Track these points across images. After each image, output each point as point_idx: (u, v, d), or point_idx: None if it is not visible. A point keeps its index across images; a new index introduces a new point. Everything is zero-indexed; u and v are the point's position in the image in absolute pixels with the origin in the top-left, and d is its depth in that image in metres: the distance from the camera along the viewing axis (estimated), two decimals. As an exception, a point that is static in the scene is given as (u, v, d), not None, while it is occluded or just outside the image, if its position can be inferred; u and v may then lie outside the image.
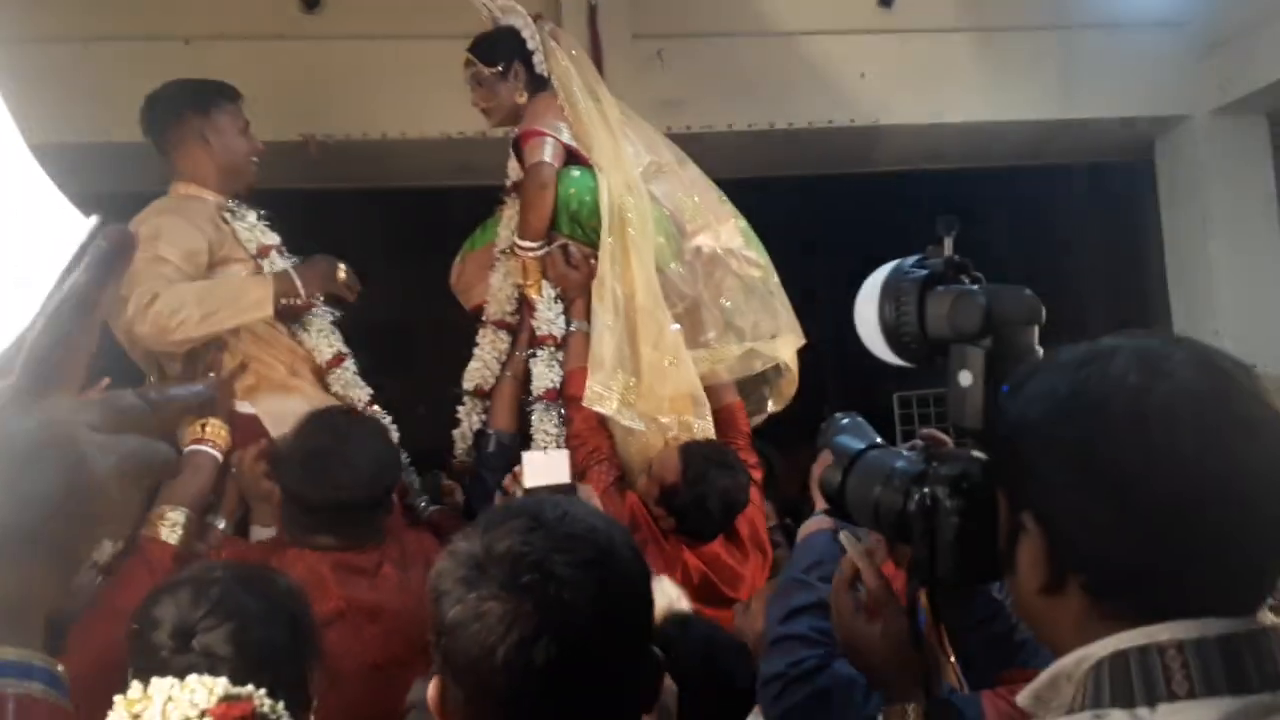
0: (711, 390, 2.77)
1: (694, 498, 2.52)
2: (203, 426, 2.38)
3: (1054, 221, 5.46)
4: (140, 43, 3.71)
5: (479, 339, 2.89)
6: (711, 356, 2.78)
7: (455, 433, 2.92)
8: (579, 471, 2.59)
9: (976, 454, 1.03)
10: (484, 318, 2.91)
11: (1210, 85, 4.36)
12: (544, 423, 2.70)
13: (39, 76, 3.64)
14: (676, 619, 1.90)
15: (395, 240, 3.15)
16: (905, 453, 1.13)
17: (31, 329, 0.56)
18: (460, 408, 2.91)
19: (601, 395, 2.59)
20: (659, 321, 2.66)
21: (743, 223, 2.91)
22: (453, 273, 3.15)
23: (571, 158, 2.75)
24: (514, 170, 2.92)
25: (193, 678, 1.27)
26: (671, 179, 2.88)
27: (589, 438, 2.64)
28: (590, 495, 2.38)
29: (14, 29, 3.68)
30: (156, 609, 1.47)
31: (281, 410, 2.52)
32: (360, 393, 2.72)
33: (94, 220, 0.61)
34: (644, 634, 1.05)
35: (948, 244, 1.08)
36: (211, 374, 2.50)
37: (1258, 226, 4.41)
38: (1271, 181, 4.44)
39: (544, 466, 2.25)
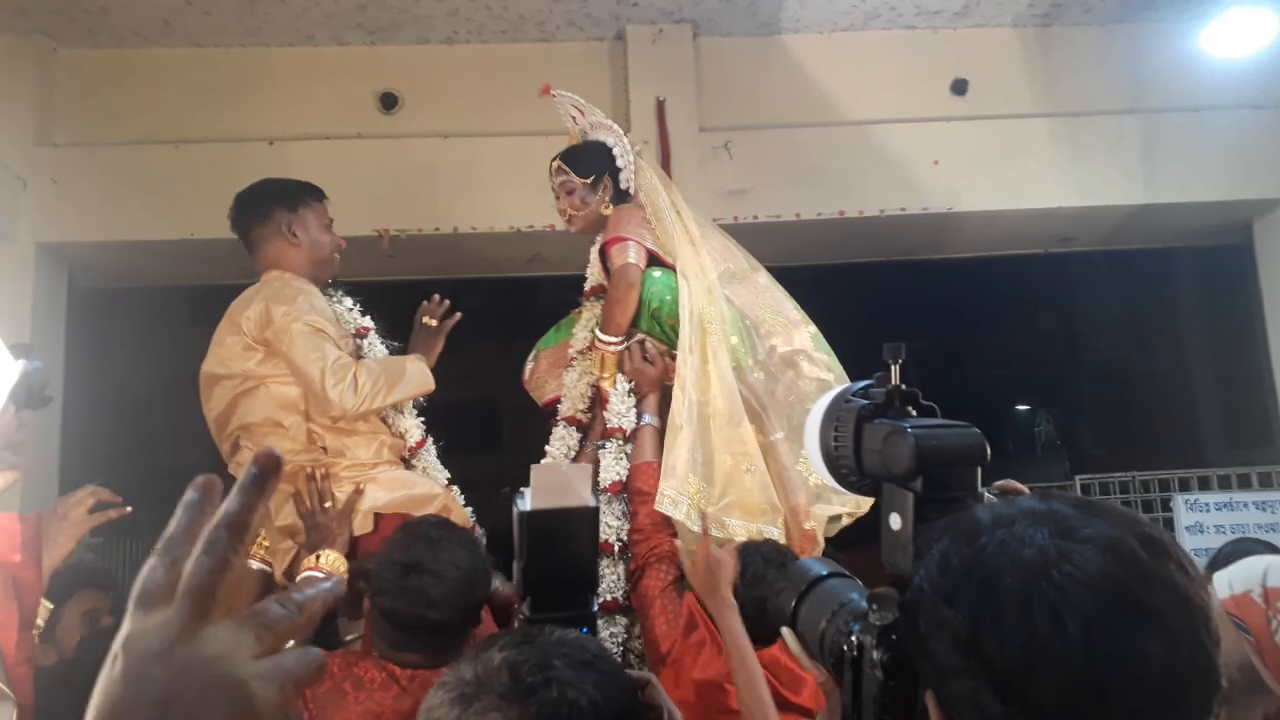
0: (778, 492, 2.74)
1: (751, 600, 2.39)
2: (317, 558, 2.42)
3: (1149, 305, 5.27)
4: (227, 144, 3.90)
5: (552, 436, 2.95)
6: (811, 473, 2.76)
7: None
8: (638, 568, 2.57)
9: None
10: (557, 415, 2.97)
11: (1308, 166, 4.19)
12: (606, 515, 2.70)
13: (132, 177, 3.85)
14: None
15: (470, 325, 3.25)
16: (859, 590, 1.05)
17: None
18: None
19: (675, 500, 2.60)
20: (737, 427, 2.71)
21: (813, 329, 2.93)
22: (526, 370, 3.23)
23: (653, 260, 2.87)
24: (594, 275, 3.03)
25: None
26: (746, 284, 2.96)
27: (651, 534, 2.60)
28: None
29: (110, 130, 3.92)
30: None
31: (389, 492, 2.63)
32: (440, 475, 2.80)
33: (22, 364, 0.62)
34: None
35: (895, 372, 0.98)
36: (328, 504, 2.53)
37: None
38: (1377, 264, 4.20)
39: (557, 483, 1.52)
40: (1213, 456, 4.97)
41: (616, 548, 2.66)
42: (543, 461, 2.89)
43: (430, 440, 2.85)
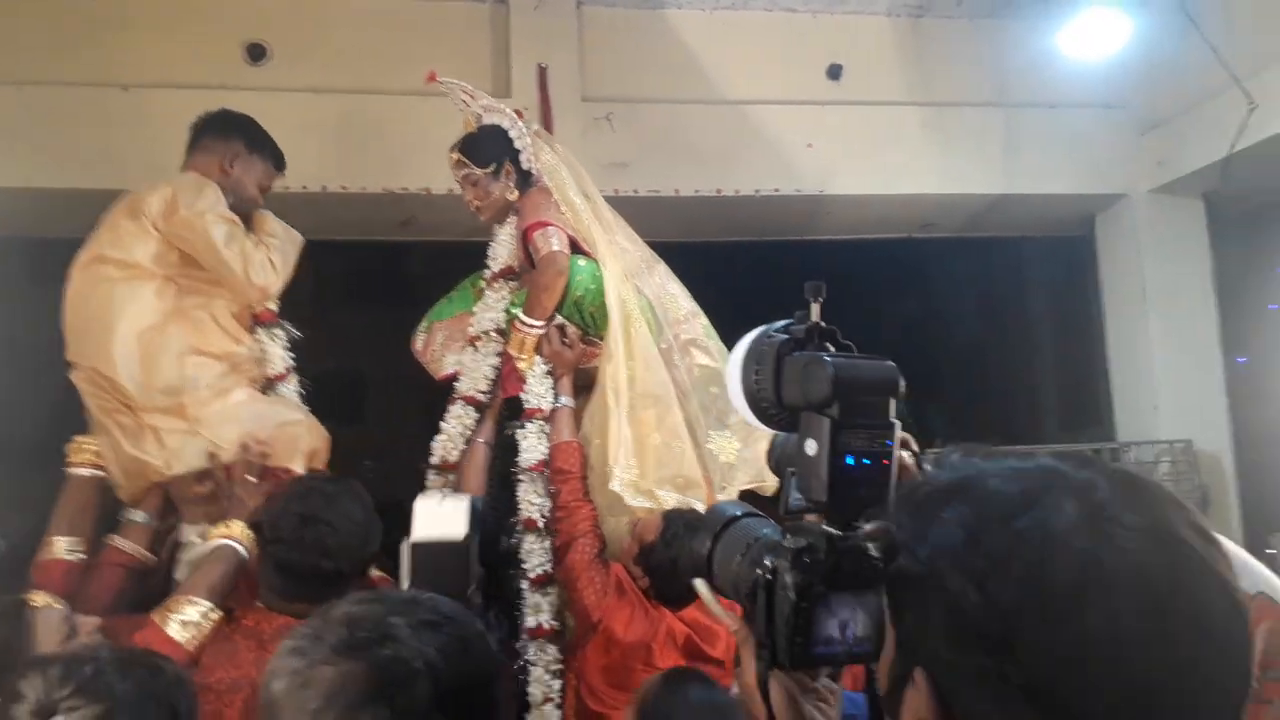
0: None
1: (667, 560, 2.56)
2: (228, 525, 2.38)
3: (1000, 291, 5.53)
4: (75, 88, 3.64)
5: (448, 414, 2.93)
6: (725, 451, 2.89)
7: None
8: (563, 544, 2.67)
9: (825, 527, 0.97)
10: (455, 393, 2.95)
11: (1148, 165, 4.47)
12: (530, 493, 2.77)
13: (-32, 119, 3.56)
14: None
15: (336, 291, 3.13)
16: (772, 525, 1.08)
17: None
18: (427, 482, 2.91)
19: (621, 480, 2.70)
20: (664, 406, 2.82)
21: (704, 320, 3.03)
22: (418, 340, 3.17)
23: (573, 248, 2.89)
24: (503, 257, 3.00)
25: None
26: (652, 274, 3.04)
27: (574, 510, 2.72)
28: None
29: (-56, 70, 3.61)
30: (24, 682, 1.39)
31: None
32: (300, 412, 2.73)
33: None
34: (488, 709, 0.97)
35: (815, 309, 1.01)
36: (251, 478, 2.49)
37: (1194, 303, 4.49)
38: (1208, 259, 4.53)
39: (437, 516, 1.75)
40: (1050, 435, 5.29)
41: (541, 524, 2.73)
42: (436, 440, 2.89)
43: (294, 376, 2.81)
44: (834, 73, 4.30)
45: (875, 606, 0.96)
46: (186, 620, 2.14)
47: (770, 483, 2.84)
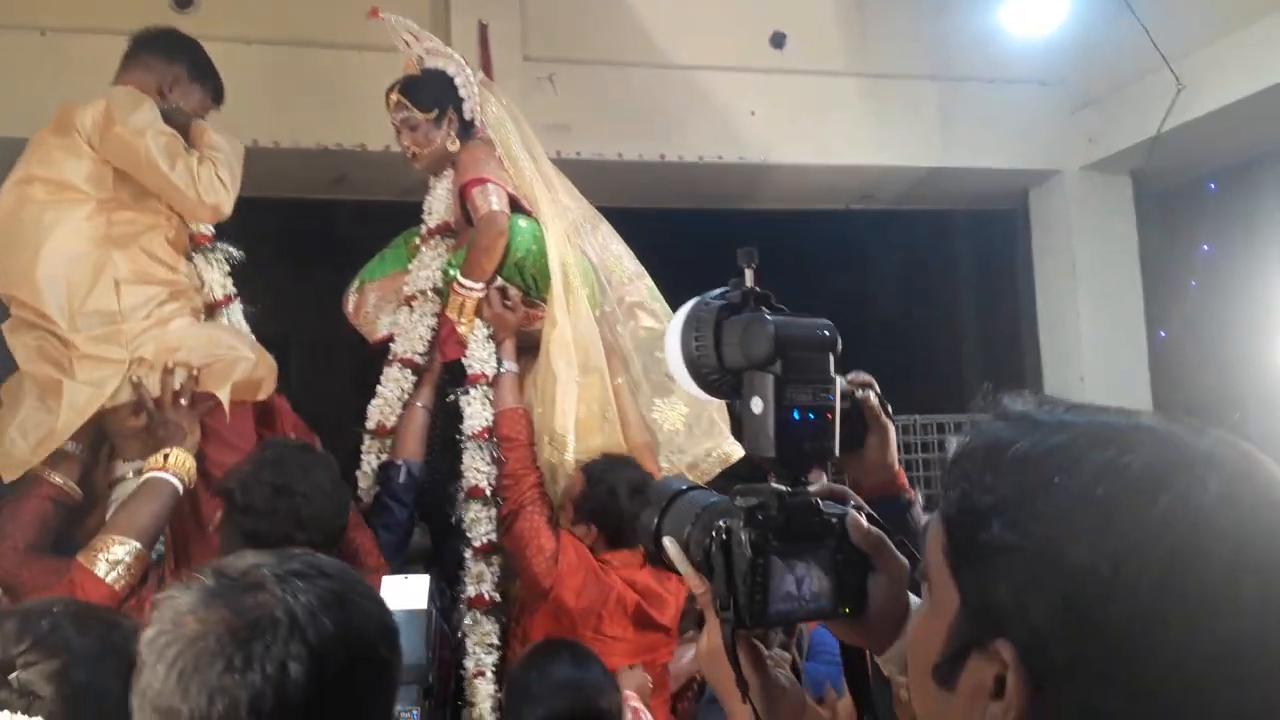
0: (625, 430, 2.83)
1: (604, 493, 2.57)
2: (165, 457, 2.26)
3: (935, 262, 5.61)
4: (-11, 30, 3.47)
5: (383, 376, 2.85)
6: (669, 419, 2.89)
7: (357, 472, 2.84)
8: (510, 512, 2.60)
9: (775, 485, 0.99)
10: (391, 356, 2.87)
11: (1080, 142, 4.56)
12: (475, 461, 2.70)
13: None
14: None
15: (265, 251, 3.03)
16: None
17: None
18: (362, 446, 2.84)
19: (571, 445, 2.69)
20: (599, 374, 2.77)
21: (649, 281, 2.98)
22: (349, 302, 3.07)
23: (514, 205, 2.80)
24: (439, 214, 2.91)
25: (4, 716, 1.16)
26: (595, 234, 2.98)
27: (521, 478, 2.67)
28: None
29: None
30: None
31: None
32: (242, 342, 2.60)
33: None
34: (368, 669, 0.93)
35: (749, 275, 1.03)
36: (184, 402, 2.37)
37: (1121, 278, 4.61)
38: (1134, 237, 4.65)
39: (402, 591, 2.02)
40: (980, 406, 5.41)
41: (488, 491, 2.68)
42: (372, 404, 2.82)
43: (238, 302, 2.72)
44: (777, 41, 4.29)
45: (829, 562, 0.98)
46: (114, 560, 2.06)
47: (727, 446, 2.86)
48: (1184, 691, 0.60)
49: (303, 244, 4.95)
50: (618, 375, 2.85)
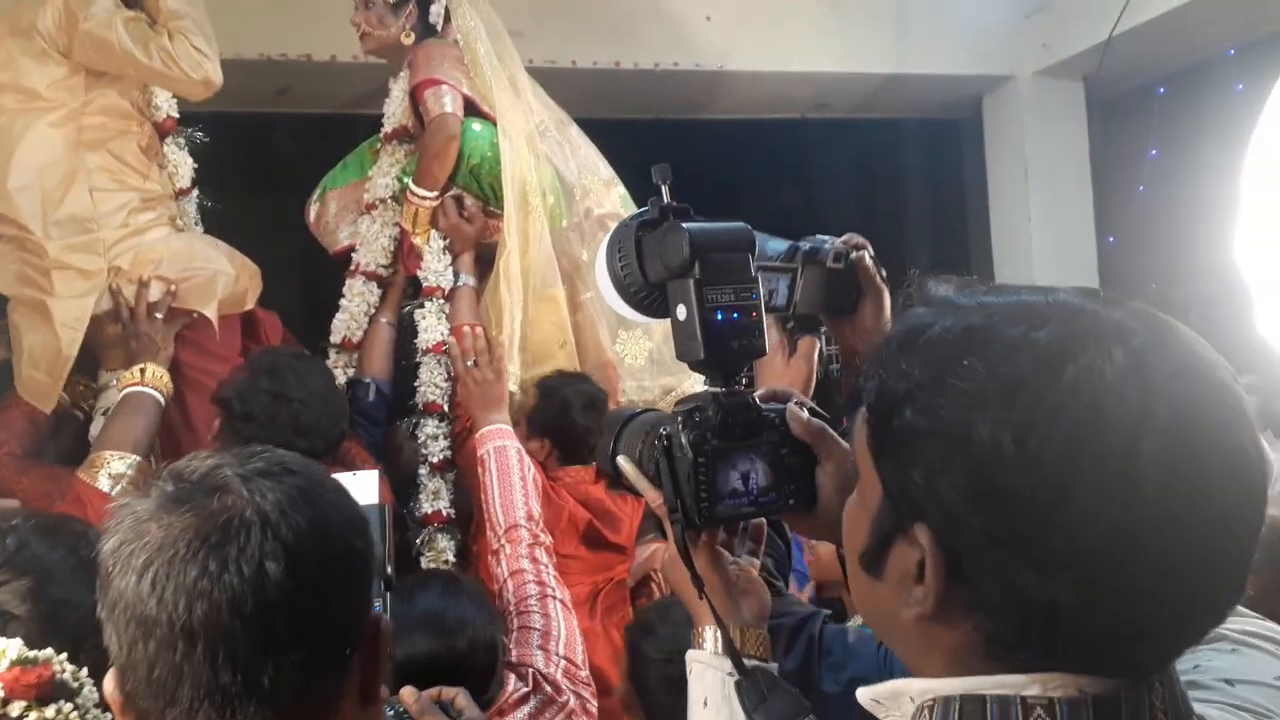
0: (587, 348, 2.78)
1: (556, 405, 2.53)
2: (141, 371, 2.25)
3: (888, 172, 5.61)
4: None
5: (346, 289, 2.75)
6: (631, 352, 2.82)
7: None
8: (464, 429, 2.53)
9: (709, 387, 1.01)
10: (352, 267, 2.77)
11: (1034, 47, 4.56)
12: (434, 375, 2.63)
13: None
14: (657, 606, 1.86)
15: (205, 167, 2.94)
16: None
17: None
18: (328, 362, 2.74)
19: (515, 375, 2.59)
20: (555, 299, 2.68)
21: (622, 190, 2.87)
22: (310, 212, 2.95)
23: (470, 108, 2.67)
24: (396, 116, 2.77)
25: None
26: (562, 139, 2.86)
27: None
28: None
29: None
30: None
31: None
32: (220, 255, 2.56)
33: None
34: (343, 561, 0.91)
35: (664, 191, 1.03)
36: (159, 315, 2.35)
37: (1072, 184, 4.66)
38: (1085, 142, 4.69)
39: (352, 486, 1.95)
40: (903, 291, 5.49)
41: (445, 407, 2.61)
42: (337, 318, 2.74)
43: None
44: (732, -58, 4.19)
45: (773, 457, 1.00)
46: (116, 474, 2.08)
47: (688, 385, 2.83)
48: (1093, 559, 0.61)
49: (245, 159, 4.81)
50: (584, 291, 2.77)
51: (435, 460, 2.62)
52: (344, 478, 1.91)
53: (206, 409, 2.26)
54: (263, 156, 4.66)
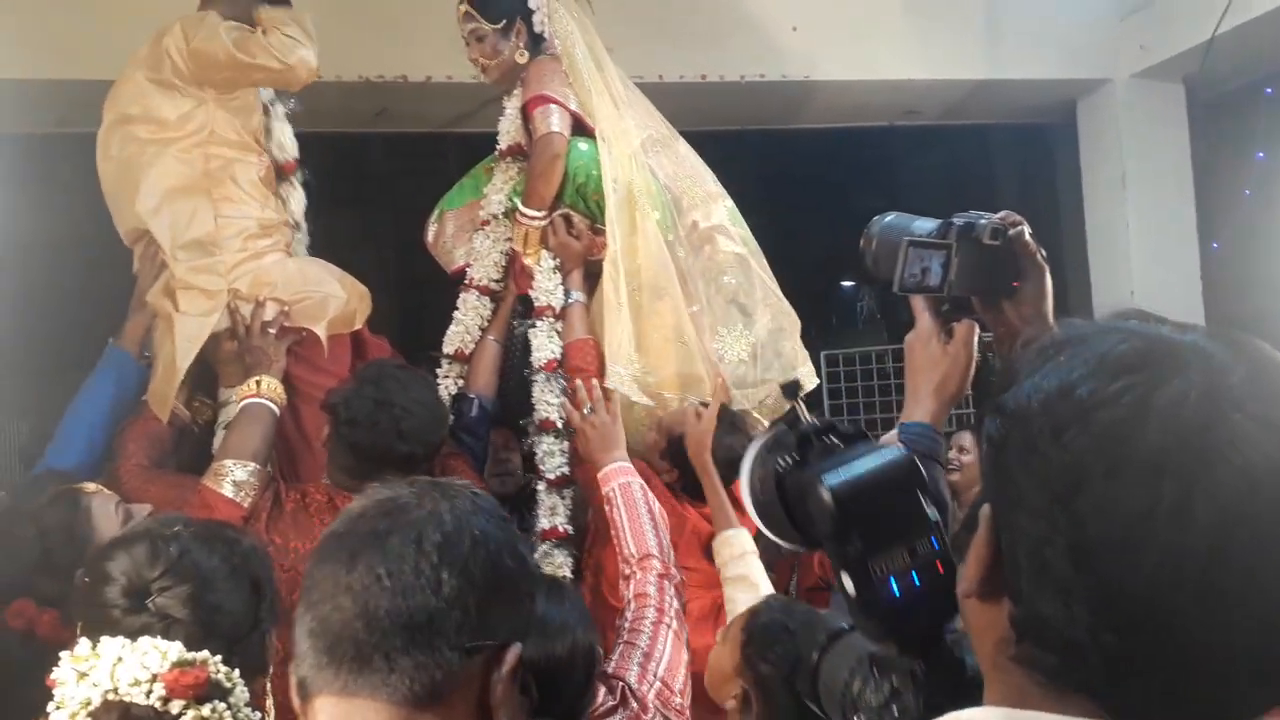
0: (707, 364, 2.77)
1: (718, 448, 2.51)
2: (257, 384, 2.40)
3: (978, 179, 5.52)
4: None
5: (460, 303, 2.84)
6: (733, 349, 2.78)
7: None
8: None
9: (908, 661, 0.87)
10: (466, 281, 2.85)
11: (1131, 49, 4.43)
12: (546, 394, 2.68)
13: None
14: (781, 605, 1.79)
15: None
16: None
17: None
18: (438, 371, 2.84)
19: (622, 377, 2.60)
20: (671, 299, 2.69)
21: (729, 202, 2.88)
22: (429, 232, 3.03)
23: (578, 126, 2.72)
24: (510, 134, 2.84)
25: (145, 640, 1.19)
26: (668, 152, 2.88)
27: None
28: None
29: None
30: (110, 564, 1.37)
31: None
32: (331, 277, 2.69)
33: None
34: None
35: (802, 412, 0.93)
36: (271, 332, 2.50)
37: (1172, 189, 4.51)
38: (1186, 146, 4.54)
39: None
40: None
41: (560, 424, 2.64)
42: (451, 330, 2.80)
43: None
44: (817, -47, 4.19)
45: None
46: (239, 481, 2.22)
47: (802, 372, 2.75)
48: (1093, 560, 0.61)
49: (347, 179, 4.97)
50: (690, 305, 2.76)
51: (552, 477, 2.65)
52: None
53: (318, 418, 2.38)
54: (361, 174, 4.82)
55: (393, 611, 0.87)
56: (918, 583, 0.80)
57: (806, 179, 5.27)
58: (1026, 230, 1.24)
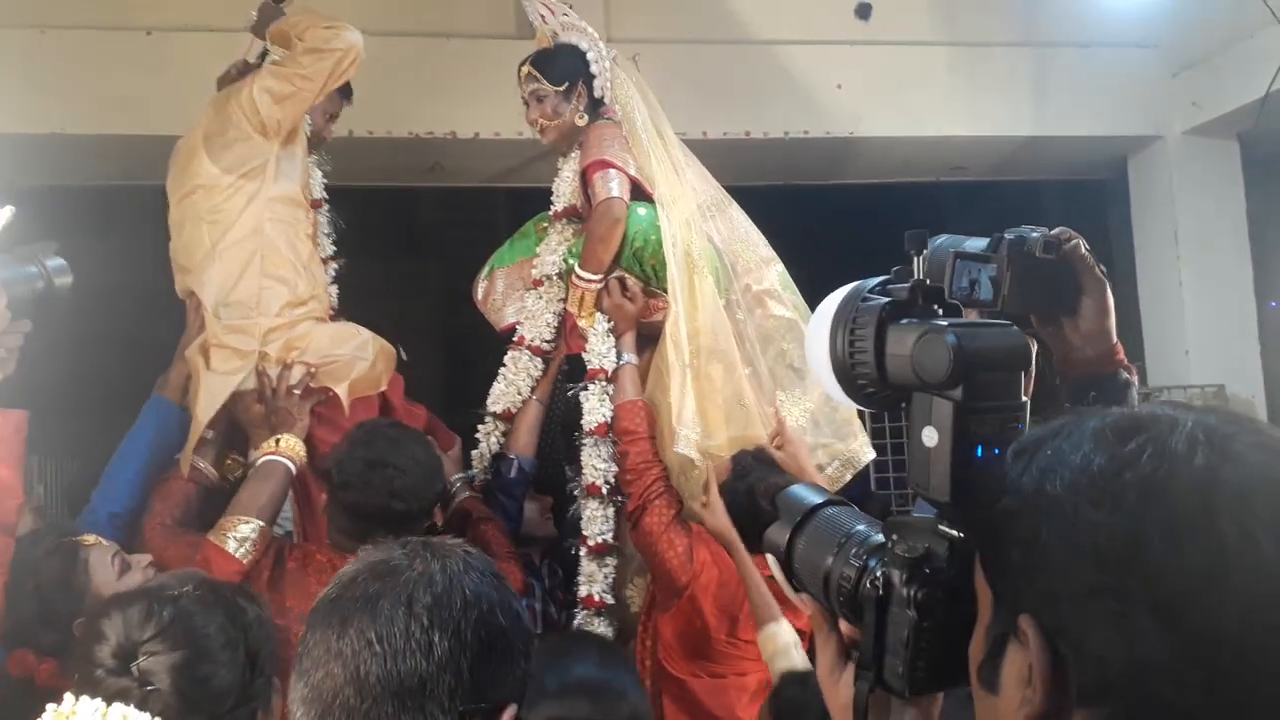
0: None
1: (744, 490, 2.46)
2: (277, 442, 2.43)
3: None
4: (99, 31, 3.62)
5: (509, 360, 2.85)
6: (792, 414, 2.73)
7: (474, 453, 2.88)
8: (638, 508, 2.55)
9: (944, 529, 0.81)
10: (516, 339, 2.87)
11: (1182, 106, 4.39)
12: (593, 458, 2.67)
13: (-7, 63, 3.54)
14: (796, 678, 1.89)
15: (357, 239, 3.13)
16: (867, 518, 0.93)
17: None
18: (481, 428, 2.86)
19: (689, 440, 2.58)
20: (729, 362, 2.67)
21: (780, 266, 2.87)
22: (478, 289, 3.06)
23: (635, 191, 2.73)
24: (566, 196, 2.87)
25: (117, 707, 1.19)
26: (723, 217, 2.89)
27: (644, 472, 2.59)
28: None
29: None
30: (105, 621, 1.35)
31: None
32: (355, 343, 2.71)
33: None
34: None
35: (918, 264, 0.86)
36: (296, 393, 2.54)
37: (1227, 247, 4.43)
38: (1242, 202, 4.46)
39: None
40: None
41: (605, 490, 2.64)
42: (496, 387, 2.81)
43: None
44: (863, 12, 4.22)
45: None
46: (241, 537, 2.24)
47: (855, 452, 2.72)
48: (1179, 610, 0.60)
49: (399, 232, 5.06)
50: (745, 365, 2.73)
51: (594, 543, 2.63)
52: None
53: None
54: (414, 228, 4.91)
55: (384, 677, 0.86)
56: (996, 453, 0.78)
57: (854, 233, 5.26)
58: (1083, 245, 1.20)
